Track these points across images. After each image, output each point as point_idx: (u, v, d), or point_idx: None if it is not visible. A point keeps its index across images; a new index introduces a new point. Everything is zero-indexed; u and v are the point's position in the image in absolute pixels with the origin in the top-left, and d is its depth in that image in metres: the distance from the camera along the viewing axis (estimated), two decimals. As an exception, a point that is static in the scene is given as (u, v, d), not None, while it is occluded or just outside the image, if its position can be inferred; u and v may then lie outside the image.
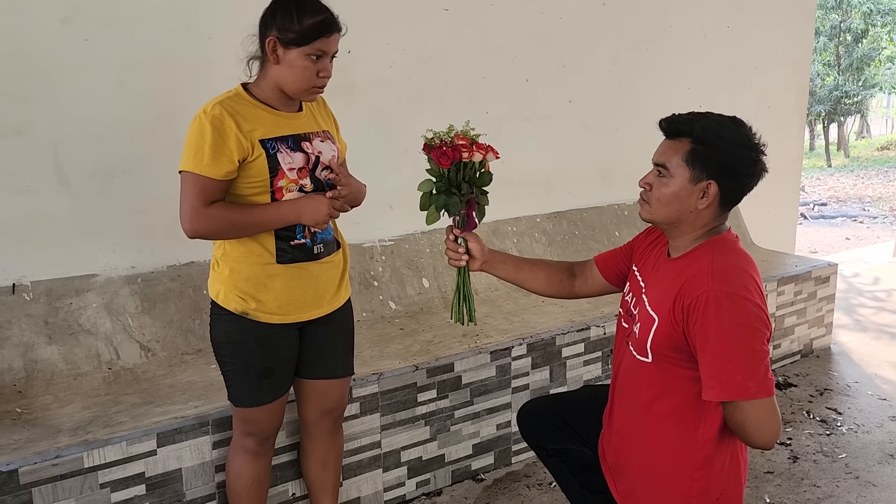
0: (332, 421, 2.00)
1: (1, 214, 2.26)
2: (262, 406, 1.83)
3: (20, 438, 1.91)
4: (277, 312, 1.78)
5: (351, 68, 2.85)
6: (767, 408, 1.40)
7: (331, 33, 1.69)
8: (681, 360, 1.52)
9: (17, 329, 2.27)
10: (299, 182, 1.74)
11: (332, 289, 1.87)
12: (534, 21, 3.27)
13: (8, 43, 2.20)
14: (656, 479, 1.60)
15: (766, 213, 4.30)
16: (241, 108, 1.69)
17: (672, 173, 1.53)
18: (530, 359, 2.63)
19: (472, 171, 1.71)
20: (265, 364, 1.80)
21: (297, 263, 1.77)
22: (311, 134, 1.78)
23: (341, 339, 1.95)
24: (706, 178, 1.51)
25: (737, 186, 1.54)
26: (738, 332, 1.41)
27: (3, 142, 2.23)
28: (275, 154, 1.69)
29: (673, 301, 1.50)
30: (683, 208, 1.53)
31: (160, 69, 2.44)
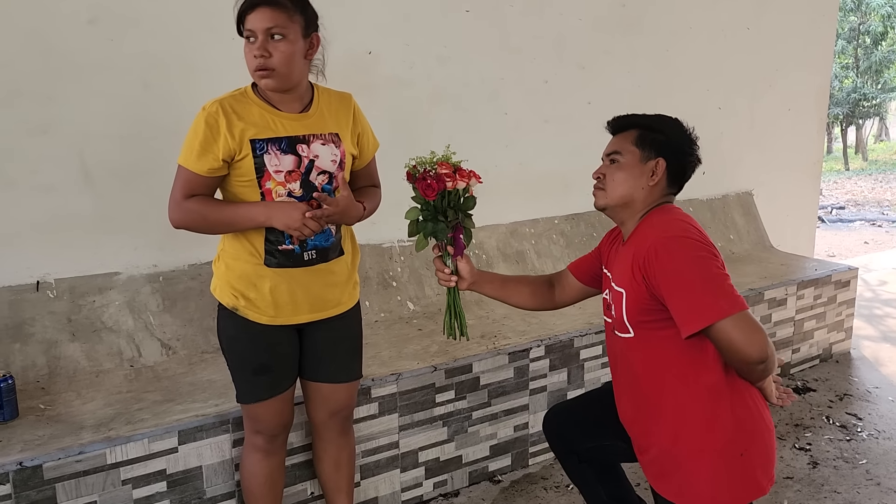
0: (341, 422, 1.99)
1: (26, 212, 2.29)
2: (263, 402, 1.83)
3: (44, 434, 1.93)
4: (266, 313, 1.77)
5: (371, 68, 2.87)
6: (746, 320, 1.47)
7: (252, 9, 1.62)
8: (657, 322, 1.60)
9: (41, 326, 2.29)
10: (287, 185, 1.71)
11: (333, 294, 1.85)
12: (553, 22, 3.26)
13: (35, 43, 2.23)
14: (676, 447, 1.63)
15: (786, 217, 4.27)
16: (240, 106, 1.69)
17: (624, 157, 1.69)
18: (548, 360, 2.63)
19: (456, 197, 1.77)
20: (259, 360, 1.81)
21: (284, 268, 1.75)
22: (312, 136, 1.73)
23: (345, 344, 1.93)
24: (654, 156, 1.67)
25: (680, 166, 1.69)
26: (693, 264, 1.52)
27: (29, 140, 2.26)
28: (262, 155, 1.68)
29: (632, 268, 1.61)
30: (636, 186, 1.67)
31: (183, 70, 2.46)
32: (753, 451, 1.60)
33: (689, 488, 1.62)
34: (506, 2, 3.14)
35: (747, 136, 4.08)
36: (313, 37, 1.72)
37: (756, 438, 1.61)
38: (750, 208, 4.10)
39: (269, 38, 1.62)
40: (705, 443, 1.59)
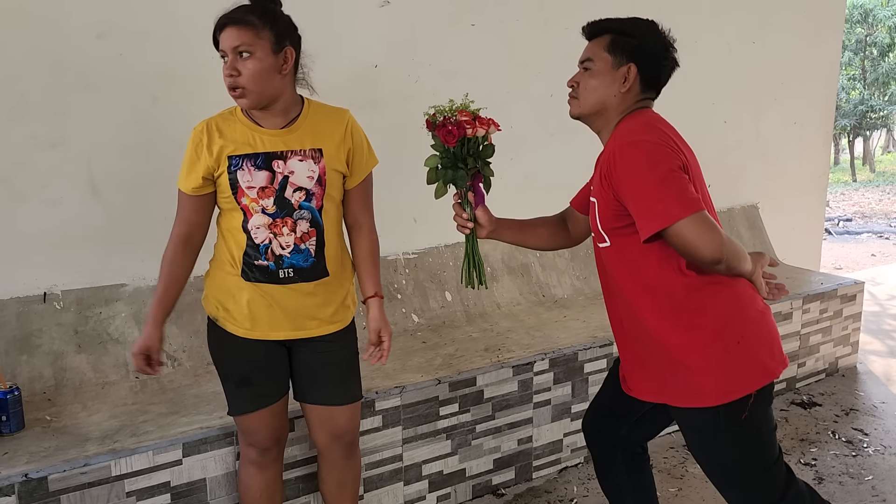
0: (345, 446, 1.94)
1: (35, 224, 2.31)
2: (250, 415, 1.83)
3: (50, 446, 1.95)
4: (242, 325, 1.77)
5: (377, 83, 2.89)
6: (698, 222, 1.47)
7: (222, 29, 1.64)
8: (628, 228, 1.60)
9: (48, 338, 2.31)
10: (260, 202, 1.70)
11: (318, 314, 1.81)
12: (559, 37, 3.28)
13: (45, 57, 2.26)
14: (669, 348, 1.63)
15: (792, 230, 4.26)
16: (225, 124, 1.72)
17: (596, 63, 1.67)
18: (552, 374, 2.63)
19: (475, 145, 1.75)
20: (240, 372, 1.81)
21: (260, 283, 1.75)
22: (290, 152, 1.72)
23: (337, 366, 1.88)
24: (626, 61, 1.65)
25: (653, 71, 1.68)
26: (644, 170, 1.52)
27: (38, 154, 2.28)
28: (235, 171, 1.69)
29: (600, 174, 1.64)
30: (608, 93, 1.66)
31: (192, 83, 2.48)
32: (751, 336, 1.61)
33: (695, 388, 1.61)
34: (511, 16, 3.16)
35: (753, 150, 4.08)
36: (286, 51, 1.69)
37: (750, 324, 1.62)
38: (756, 221, 4.09)
39: (238, 57, 1.63)
40: (697, 338, 1.60)
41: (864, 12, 16.49)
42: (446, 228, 3.10)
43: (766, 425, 1.65)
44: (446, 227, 3.08)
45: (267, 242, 1.73)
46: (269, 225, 1.72)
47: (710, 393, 1.60)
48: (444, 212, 3.06)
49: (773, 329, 1.67)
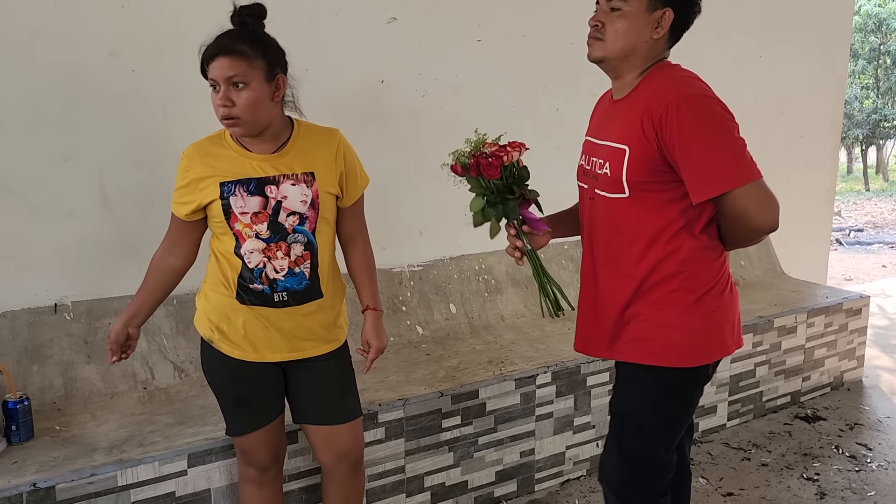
0: (351, 465, 1.94)
1: (47, 237, 2.36)
2: (247, 436, 1.84)
3: (58, 456, 1.99)
4: (238, 347, 1.78)
5: (384, 97, 2.93)
6: (762, 188, 1.47)
7: (213, 58, 1.63)
8: (657, 184, 1.55)
9: (59, 348, 2.36)
10: (254, 227, 1.71)
11: (313, 335, 1.83)
12: (565, 51, 3.30)
13: (59, 73, 2.31)
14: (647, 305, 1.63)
15: (798, 243, 4.26)
16: (213, 149, 1.73)
17: (628, 4, 1.54)
18: (555, 387, 2.65)
19: (513, 172, 1.68)
20: (238, 393, 1.82)
21: (255, 306, 1.76)
22: (282, 177, 1.72)
23: (333, 385, 1.89)
24: (662, 5, 1.55)
25: (687, 15, 1.60)
26: (716, 125, 1.47)
27: (51, 168, 2.33)
28: (228, 197, 1.69)
29: (640, 123, 1.52)
30: (639, 38, 1.56)
31: (200, 100, 2.51)
32: (723, 310, 1.64)
33: (660, 346, 1.62)
34: (517, 31, 3.20)
35: (760, 162, 4.05)
36: (279, 78, 1.70)
37: (725, 298, 1.64)
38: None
39: (231, 87, 1.63)
40: (680, 298, 1.60)
41: (878, 21, 16.43)
42: (451, 241, 3.15)
43: (692, 406, 1.71)
44: (451, 239, 3.13)
45: (261, 267, 1.74)
46: (262, 250, 1.73)
47: (673, 353, 1.61)
48: (449, 224, 3.12)
49: (738, 309, 1.70)
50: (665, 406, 1.68)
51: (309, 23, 2.70)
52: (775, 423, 3.24)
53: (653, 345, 1.63)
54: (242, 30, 1.67)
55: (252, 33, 1.67)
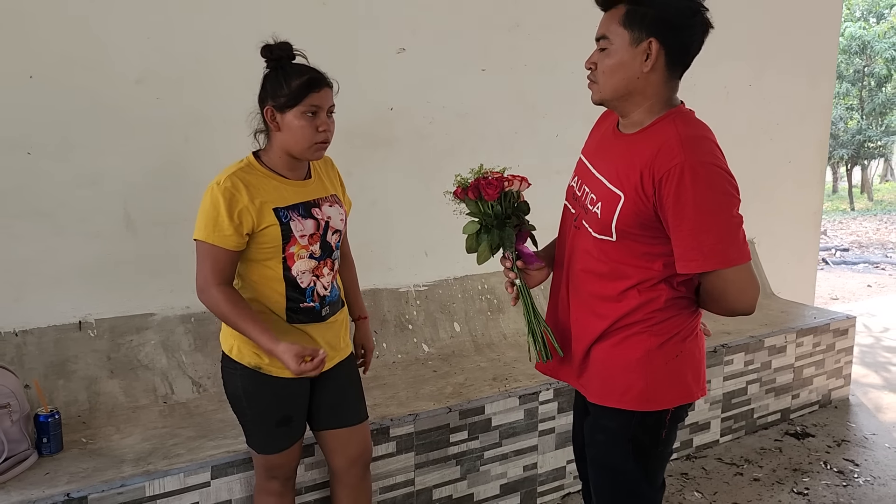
0: (362, 468, 2.05)
1: (73, 256, 2.46)
2: (281, 453, 1.93)
3: (88, 467, 2.08)
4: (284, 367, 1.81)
5: (393, 123, 3.05)
6: (747, 272, 1.46)
7: (319, 88, 1.76)
8: (645, 237, 1.53)
9: (83, 363, 2.45)
10: (310, 248, 1.82)
11: (339, 343, 1.97)
12: (565, 80, 3.45)
13: (88, 100, 2.42)
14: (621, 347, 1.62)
15: (786, 264, 4.41)
16: (252, 178, 1.77)
17: (612, 41, 1.49)
18: (557, 403, 2.76)
19: (512, 202, 1.67)
20: (283, 412, 1.90)
21: (304, 324, 1.86)
22: (321, 200, 1.87)
23: (351, 388, 2.02)
24: (646, 36, 1.46)
25: (680, 42, 1.49)
26: (715, 201, 1.43)
27: (79, 191, 2.44)
28: (287, 223, 1.78)
29: (640, 176, 1.48)
30: (630, 75, 1.49)
31: (222, 124, 2.64)
32: (687, 356, 1.62)
33: (622, 387, 1.61)
34: (520, 61, 3.34)
35: (750, 187, 4.21)
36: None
37: (690, 344, 1.62)
38: (752, 256, 4.24)
39: (328, 116, 1.80)
40: (644, 342, 1.59)
41: (861, 44, 16.78)
42: (455, 261, 3.27)
43: (667, 446, 1.68)
44: (455, 260, 3.25)
45: (312, 285, 1.85)
46: (313, 269, 1.85)
47: (634, 396, 1.60)
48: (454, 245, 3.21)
49: (703, 358, 1.69)
50: (633, 449, 1.65)
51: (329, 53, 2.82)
52: (766, 439, 3.37)
53: (614, 387, 1.63)
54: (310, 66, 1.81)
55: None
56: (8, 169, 2.33)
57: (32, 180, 2.37)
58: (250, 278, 1.84)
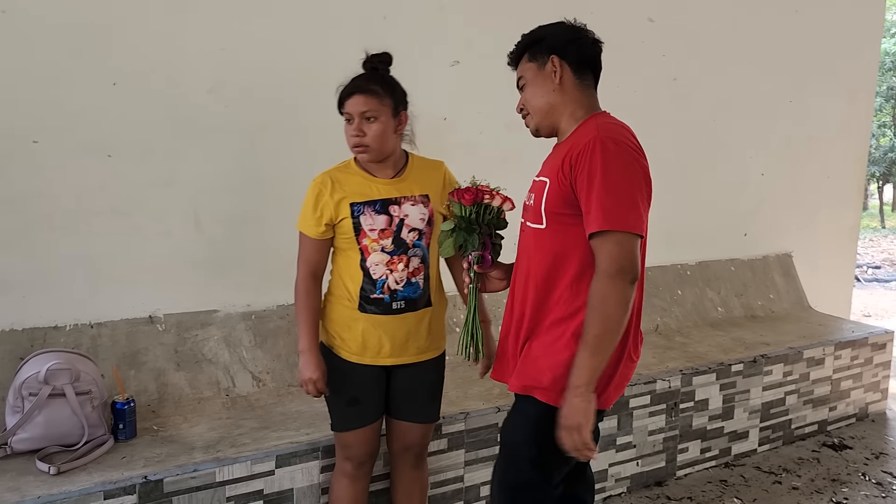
0: (413, 456, 2.19)
1: (145, 254, 2.59)
2: (352, 431, 2.06)
3: (161, 452, 2.20)
4: (356, 353, 2.02)
5: (445, 134, 3.16)
6: (634, 245, 1.54)
7: (350, 95, 1.91)
8: (572, 217, 1.63)
9: (152, 356, 2.58)
10: (380, 242, 1.96)
11: (417, 341, 2.06)
12: (611, 94, 3.51)
13: (164, 108, 2.56)
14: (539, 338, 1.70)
15: (823, 279, 4.45)
16: (342, 176, 1.98)
17: (526, 77, 1.76)
18: (600, 407, 2.83)
19: (491, 214, 1.88)
20: (350, 394, 2.04)
21: (374, 314, 1.99)
22: (403, 198, 1.99)
23: (425, 388, 2.14)
24: (546, 55, 1.72)
25: (576, 53, 1.72)
26: (623, 173, 1.55)
27: (154, 191, 2.57)
28: (358, 216, 1.94)
29: (562, 161, 1.64)
30: (547, 91, 1.73)
31: (285, 131, 2.78)
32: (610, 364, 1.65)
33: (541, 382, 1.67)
34: (567, 75, 3.43)
35: (788, 201, 4.30)
36: (402, 114, 1.99)
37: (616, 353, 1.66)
38: (789, 269, 4.29)
39: (363, 120, 1.91)
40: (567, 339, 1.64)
41: (895, 60, 16.64)
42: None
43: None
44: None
45: (384, 278, 1.98)
46: (386, 262, 1.97)
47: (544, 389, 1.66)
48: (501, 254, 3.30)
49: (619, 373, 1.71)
50: (536, 439, 1.71)
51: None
52: (804, 449, 3.41)
53: (530, 377, 1.70)
54: (373, 73, 1.96)
55: (381, 76, 1.96)
56: (90, 170, 2.47)
57: (112, 181, 2.51)
58: (337, 263, 2.04)
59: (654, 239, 3.22)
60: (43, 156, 2.41)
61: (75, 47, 2.41)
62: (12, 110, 2.35)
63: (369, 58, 1.99)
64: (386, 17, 2.94)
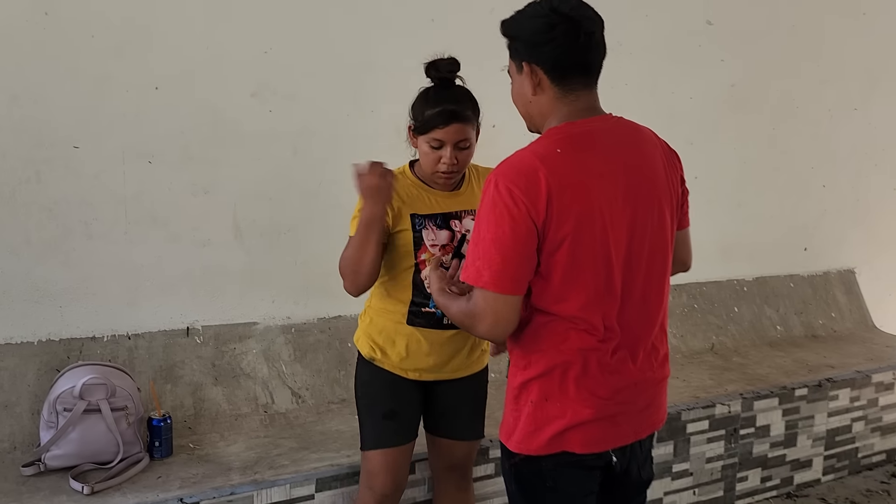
0: (459, 477, 2.07)
1: (183, 264, 2.51)
2: (382, 451, 1.91)
3: (197, 473, 2.10)
4: (399, 366, 1.90)
5: (495, 141, 3.02)
6: (493, 301, 1.37)
7: (447, 124, 1.76)
8: None
9: (189, 369, 2.49)
10: (442, 256, 1.85)
11: (461, 357, 1.94)
12: (666, 100, 3.39)
13: (205, 114, 2.48)
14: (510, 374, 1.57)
15: (889, 296, 4.21)
16: (400, 185, 1.84)
17: (510, 75, 1.54)
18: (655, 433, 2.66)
19: None
20: (389, 406, 1.92)
21: (422, 328, 1.88)
22: (463, 212, 1.88)
23: (469, 404, 2.02)
24: (521, 61, 1.47)
25: (551, 58, 1.44)
26: (486, 219, 1.38)
27: (192, 199, 2.49)
28: (420, 230, 1.83)
29: None
30: (525, 100, 1.52)
31: (328, 139, 2.68)
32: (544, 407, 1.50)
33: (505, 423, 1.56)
34: (621, 80, 3.26)
35: (851, 215, 4.07)
36: (478, 133, 1.89)
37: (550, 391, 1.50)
38: (852, 286, 4.06)
39: (457, 149, 1.80)
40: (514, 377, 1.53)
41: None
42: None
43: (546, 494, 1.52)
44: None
45: None
46: None
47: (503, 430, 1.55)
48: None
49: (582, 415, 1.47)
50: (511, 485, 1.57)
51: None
52: (871, 480, 3.19)
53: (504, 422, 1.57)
54: (461, 93, 1.83)
55: (468, 96, 1.84)
56: (130, 176, 2.40)
57: (151, 188, 2.44)
58: (385, 275, 1.90)
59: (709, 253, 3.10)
60: (82, 162, 2.35)
61: (118, 50, 2.34)
62: (54, 115, 2.30)
63: (442, 65, 1.83)
64: (434, 20, 2.83)
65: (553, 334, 1.47)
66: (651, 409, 1.62)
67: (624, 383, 1.52)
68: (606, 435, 1.52)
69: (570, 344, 1.46)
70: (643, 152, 1.61)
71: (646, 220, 1.54)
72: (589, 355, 1.47)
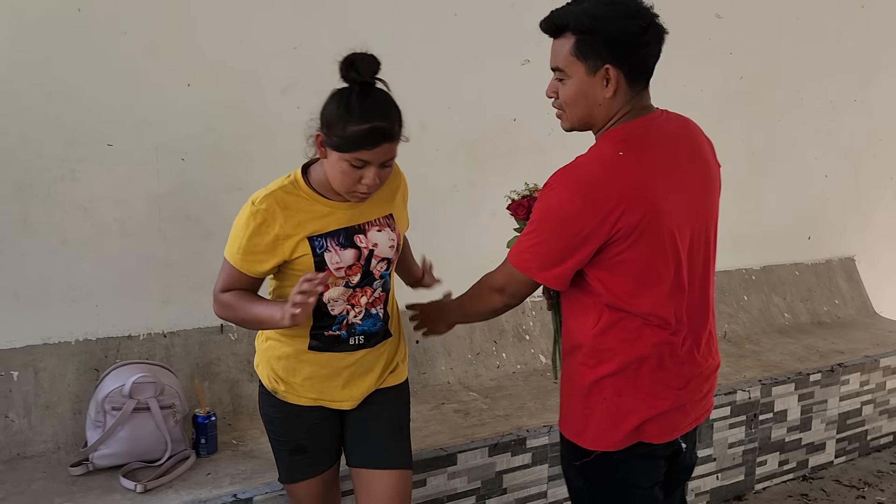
0: None
1: (217, 260, 2.46)
2: (300, 484, 1.77)
3: (246, 469, 2.11)
4: (305, 396, 1.71)
5: (515, 135, 3.07)
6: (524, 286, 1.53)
7: (376, 145, 1.48)
8: None
9: (225, 366, 2.49)
10: (347, 277, 1.63)
11: (372, 377, 1.74)
12: (678, 93, 3.41)
13: (237, 111, 2.47)
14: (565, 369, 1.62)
15: (887, 283, 4.32)
16: (292, 200, 1.59)
17: (568, 73, 1.45)
18: (681, 419, 2.72)
19: None
20: (296, 440, 1.74)
21: (327, 353, 1.68)
22: (368, 224, 1.64)
23: (386, 424, 1.77)
24: (601, 63, 1.41)
25: (637, 61, 1.45)
26: (540, 217, 1.46)
27: (225, 197, 2.46)
28: (322, 253, 1.58)
29: None
30: (592, 102, 1.46)
31: (356, 134, 2.68)
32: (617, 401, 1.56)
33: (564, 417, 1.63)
34: (635, 74, 3.33)
35: (851, 204, 4.17)
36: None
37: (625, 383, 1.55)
38: (853, 274, 4.16)
39: (381, 168, 1.54)
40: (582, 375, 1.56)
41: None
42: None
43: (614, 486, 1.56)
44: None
45: (344, 314, 1.66)
46: (348, 297, 1.65)
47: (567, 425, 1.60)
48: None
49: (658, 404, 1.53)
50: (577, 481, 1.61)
51: (452, 63, 2.86)
52: (881, 461, 3.29)
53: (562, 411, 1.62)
54: (386, 101, 1.56)
55: (393, 104, 1.56)
56: (163, 173, 2.39)
57: (184, 185, 2.42)
58: (281, 297, 1.68)
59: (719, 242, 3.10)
60: (116, 159, 2.33)
61: (150, 47, 2.33)
62: (88, 113, 2.27)
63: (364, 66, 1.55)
64: (457, 14, 2.84)
65: (625, 331, 1.50)
66: (710, 395, 1.68)
67: (694, 373, 1.57)
68: (679, 423, 1.57)
69: (645, 340, 1.50)
70: (695, 144, 1.65)
71: (701, 210, 1.59)
72: (663, 349, 1.51)
